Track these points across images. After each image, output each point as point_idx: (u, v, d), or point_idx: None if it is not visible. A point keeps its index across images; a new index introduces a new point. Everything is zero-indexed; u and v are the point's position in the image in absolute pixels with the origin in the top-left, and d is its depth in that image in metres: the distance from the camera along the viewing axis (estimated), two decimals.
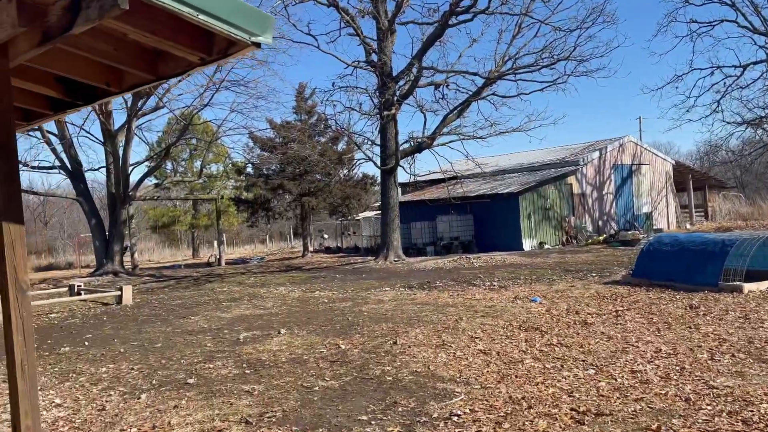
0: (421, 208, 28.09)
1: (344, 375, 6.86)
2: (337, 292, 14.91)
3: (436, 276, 17.40)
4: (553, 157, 30.82)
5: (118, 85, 4.48)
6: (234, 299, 14.97)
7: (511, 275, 16.22)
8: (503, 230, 25.95)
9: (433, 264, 21.18)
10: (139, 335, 10.42)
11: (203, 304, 14.30)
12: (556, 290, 12.80)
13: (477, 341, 8.16)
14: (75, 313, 14.38)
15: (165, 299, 16.14)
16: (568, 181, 27.93)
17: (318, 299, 13.66)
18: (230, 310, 12.85)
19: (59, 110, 5.09)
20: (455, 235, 26.43)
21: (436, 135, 22.76)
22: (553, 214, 27.05)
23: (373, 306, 11.89)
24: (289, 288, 17.01)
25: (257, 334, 9.70)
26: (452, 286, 14.97)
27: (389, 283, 16.27)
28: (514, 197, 25.58)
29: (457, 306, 11.27)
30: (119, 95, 4.82)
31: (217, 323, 11.14)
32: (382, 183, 23.38)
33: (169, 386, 6.87)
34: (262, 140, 32.16)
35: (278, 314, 11.71)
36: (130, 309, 14.48)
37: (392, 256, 22.83)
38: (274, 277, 20.78)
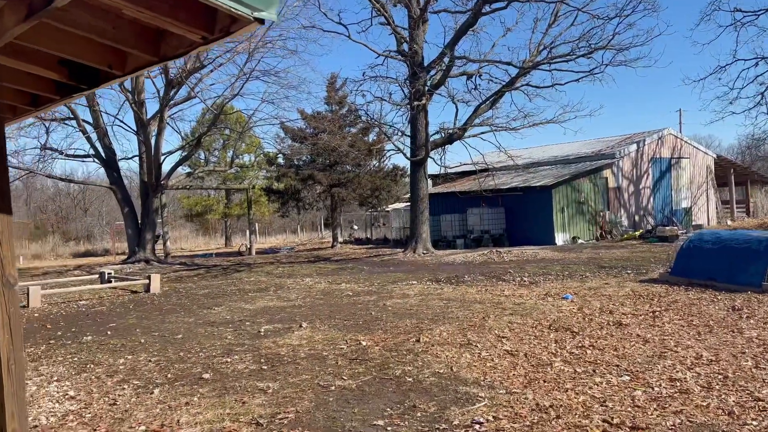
0: (451, 200, 27.63)
1: (363, 374, 6.55)
2: (363, 285, 14.63)
3: (464, 270, 16.98)
4: (589, 149, 29.97)
5: (121, 67, 4.22)
6: (260, 290, 14.82)
7: (543, 271, 15.71)
8: (535, 224, 25.33)
9: (462, 257, 20.75)
10: (162, 326, 10.30)
11: (229, 295, 14.18)
12: (589, 288, 12.29)
13: (504, 341, 7.77)
14: (103, 300, 14.41)
15: (192, 288, 16.09)
16: (604, 174, 27.11)
17: (343, 292, 13.40)
18: (255, 301, 12.68)
19: (65, 95, 4.88)
20: (486, 228, 25.92)
21: (468, 126, 22.25)
22: (587, 208, 26.29)
23: (397, 300, 11.57)
24: (315, 279, 16.80)
25: (279, 327, 9.47)
26: (481, 281, 14.55)
27: (416, 277, 15.93)
28: (547, 190, 24.92)
29: (484, 302, 10.87)
30: (123, 78, 4.58)
31: (240, 315, 10.97)
32: (412, 174, 22.99)
33: (183, 381, 6.66)
34: (293, 131, 32.03)
35: (301, 307, 11.48)
36: (156, 298, 14.44)
37: (421, 249, 22.46)
38: (302, 268, 20.63)
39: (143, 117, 23.13)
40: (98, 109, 24.30)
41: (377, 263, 21.04)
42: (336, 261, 23.10)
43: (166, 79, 23.26)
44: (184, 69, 22.70)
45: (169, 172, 24.87)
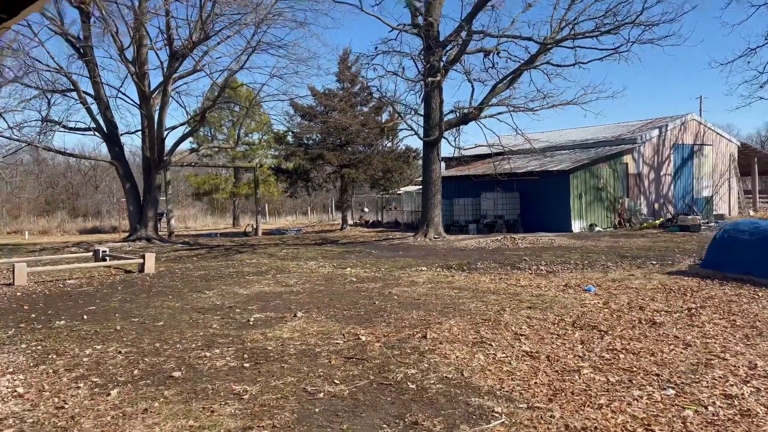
0: (464, 183, 26.52)
1: (358, 377, 5.58)
2: (369, 270, 13.65)
3: (477, 256, 15.95)
4: (608, 134, 28.66)
5: None
6: (259, 273, 13.90)
7: (561, 259, 14.64)
8: (551, 210, 24.20)
9: (475, 243, 19.70)
10: (145, 310, 9.38)
11: (225, 277, 13.27)
12: (613, 279, 11.22)
13: (522, 340, 6.76)
14: (92, 280, 13.54)
15: (189, 269, 15.21)
16: (624, 160, 25.84)
17: (346, 277, 12.43)
18: (251, 285, 11.74)
19: None
20: (500, 214, 24.82)
21: (484, 106, 21.06)
22: (605, 194, 25.09)
23: (404, 289, 10.57)
24: (319, 263, 15.86)
25: (270, 317, 8.51)
26: (495, 268, 13.52)
27: (426, 262, 14.93)
28: (564, 175, 23.74)
29: (499, 293, 9.85)
30: None
31: (231, 300, 10.03)
32: (425, 156, 21.89)
33: (150, 379, 5.73)
34: (303, 108, 30.97)
35: (299, 293, 10.52)
36: (149, 278, 13.57)
37: (432, 233, 21.43)
38: (307, 250, 19.69)
39: (145, 90, 22.15)
40: (99, 81, 23.37)
41: (386, 247, 20.05)
42: (343, 244, 22.14)
43: (170, 51, 22.25)
44: (189, 40, 21.67)
45: (172, 148, 23.93)
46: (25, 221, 50.79)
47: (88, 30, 22.92)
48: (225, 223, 47.92)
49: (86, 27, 22.92)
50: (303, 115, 31.16)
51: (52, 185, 64.81)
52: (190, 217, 53.80)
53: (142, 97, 22.65)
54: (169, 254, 19.67)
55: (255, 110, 38.58)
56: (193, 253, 19.84)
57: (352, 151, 31.40)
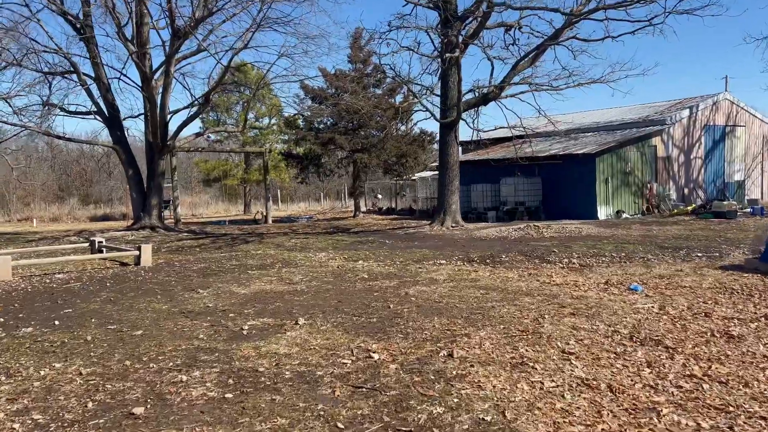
0: (483, 168, 25.07)
1: (369, 419, 4.28)
2: (383, 264, 12.34)
3: (501, 247, 14.59)
4: (635, 115, 27.00)
5: None
6: (263, 266, 12.66)
7: (593, 251, 13.24)
8: (575, 196, 22.71)
9: (496, 232, 18.32)
10: (127, 314, 8.15)
11: (226, 272, 12.04)
12: (659, 275, 9.82)
13: (572, 360, 5.42)
14: (83, 274, 12.37)
15: (188, 262, 14.01)
16: (653, 142, 24.23)
17: (357, 273, 11.12)
18: (251, 282, 10.48)
19: None
20: (521, 200, 23.37)
21: (506, 84, 19.56)
22: (633, 179, 23.54)
23: (423, 288, 9.24)
24: (329, 254, 14.59)
25: (268, 324, 7.24)
26: (522, 262, 12.16)
27: (445, 254, 13.59)
28: (590, 159, 22.22)
29: (532, 294, 8.49)
30: None
31: (227, 301, 8.77)
32: (441, 139, 20.46)
33: (103, 418, 4.47)
34: (313, 90, 29.61)
35: (304, 293, 9.23)
36: (143, 273, 12.37)
37: (449, 222, 20.07)
38: (317, 240, 18.43)
39: (146, 70, 20.88)
40: (100, 62, 22.13)
41: (401, 237, 18.73)
42: (356, 233, 20.86)
43: (171, 29, 20.93)
44: (191, 18, 20.32)
45: (176, 132, 22.71)
46: (36, 208, 50.13)
47: (87, 6, 21.66)
48: (236, 209, 46.81)
49: (86, 4, 21.65)
50: (313, 98, 29.80)
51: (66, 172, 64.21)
52: (202, 203, 52.78)
53: (143, 79, 21.39)
54: (172, 244, 18.50)
55: (264, 93, 37.25)
56: (197, 243, 18.66)
57: (365, 135, 30.03)
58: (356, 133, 29.59)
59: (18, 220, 46.03)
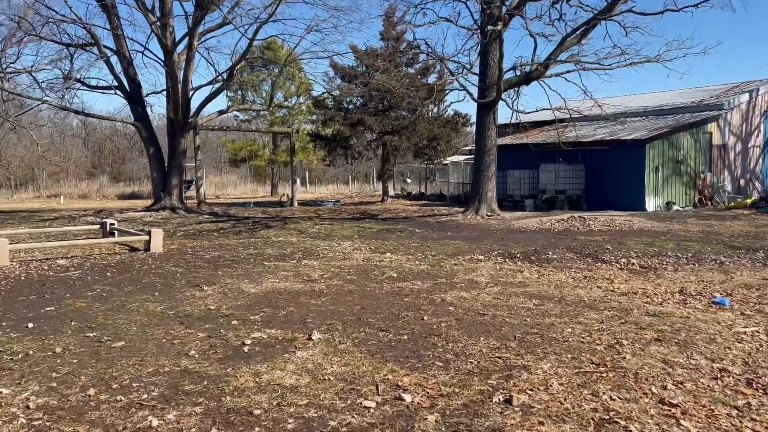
0: (521, 153, 23.35)
1: None
2: (413, 259, 10.90)
3: (545, 241, 13.02)
4: (687, 99, 24.90)
5: None
6: (282, 257, 11.35)
7: (652, 249, 11.60)
8: (621, 185, 20.89)
9: (536, 223, 16.71)
10: (114, 315, 6.88)
11: (239, 263, 10.75)
12: (745, 285, 8.20)
13: (680, 419, 3.92)
14: (86, 261, 11.21)
15: (203, 249, 12.78)
16: (708, 128, 22.20)
17: (385, 269, 9.70)
18: (265, 278, 9.14)
19: None
20: (561, 188, 21.65)
21: (551, 62, 17.80)
22: (685, 168, 21.60)
23: (462, 294, 7.77)
24: (355, 244, 13.22)
25: (275, 338, 5.88)
26: (572, 260, 10.60)
27: (482, 248, 12.10)
28: (639, 145, 20.35)
29: (597, 306, 6.97)
30: None
31: (232, 302, 7.45)
32: (478, 120, 18.83)
33: None
34: (343, 69, 28.10)
35: (323, 294, 7.85)
36: (151, 260, 11.17)
37: (485, 210, 18.50)
38: (343, 227, 17.07)
39: (168, 43, 19.62)
40: (122, 34, 20.96)
41: (432, 225, 17.25)
42: (384, 220, 19.44)
43: (195, 0, 19.60)
44: None
45: (198, 108, 21.44)
46: (65, 185, 49.88)
47: None
48: (264, 190, 45.78)
49: None
50: (343, 77, 28.30)
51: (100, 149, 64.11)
52: (230, 183, 51.91)
53: (165, 52, 20.16)
54: (190, 227, 17.34)
55: (294, 72, 35.86)
56: (216, 227, 17.47)
57: (395, 117, 28.45)
58: (386, 115, 28.04)
59: (47, 197, 45.83)
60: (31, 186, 51.98)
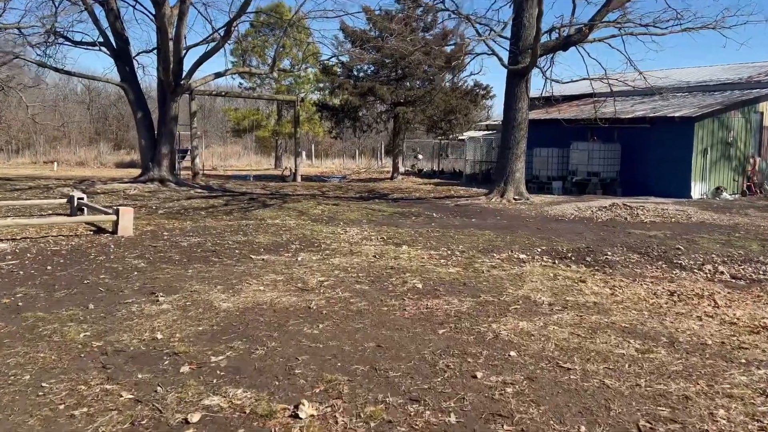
0: (549, 130, 20.80)
1: None
2: (438, 255, 8.56)
3: (592, 235, 10.64)
4: (733, 75, 22.21)
5: None
6: (275, 247, 9.04)
7: (734, 251, 9.21)
8: (664, 168, 18.39)
9: (573, 210, 14.32)
10: (10, 346, 4.58)
11: (221, 255, 8.45)
12: None
13: None
14: (32, 246, 8.91)
15: (185, 231, 10.49)
16: (759, 108, 19.60)
17: (404, 274, 7.34)
18: (246, 282, 6.81)
19: None
20: (595, 170, 19.15)
21: (596, 23, 15.20)
22: (734, 151, 19.06)
23: (522, 324, 5.38)
24: (363, 230, 10.90)
25: (240, 410, 3.57)
26: (640, 264, 8.25)
27: (520, 242, 9.75)
28: (687, 123, 17.80)
29: (734, 357, 4.60)
30: None
31: (191, 328, 5.13)
32: (508, 90, 16.29)
33: None
34: (354, 33, 25.42)
35: (321, 317, 5.50)
36: (113, 248, 8.88)
37: (511, 193, 16.10)
38: (349, 208, 14.73)
39: None
40: None
41: (452, 209, 14.87)
42: (395, 201, 17.06)
43: None
44: None
45: (192, 69, 18.92)
46: (63, 151, 47.59)
47: None
48: (268, 162, 43.31)
49: None
50: (354, 41, 25.60)
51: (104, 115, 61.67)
52: (233, 155, 49.43)
53: (154, 3, 17.61)
54: (176, 204, 15.03)
55: (301, 38, 33.19)
56: (206, 204, 15.15)
57: (409, 87, 25.85)
58: (399, 84, 25.44)
59: (44, 162, 43.55)
60: (29, 151, 49.72)
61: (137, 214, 12.85)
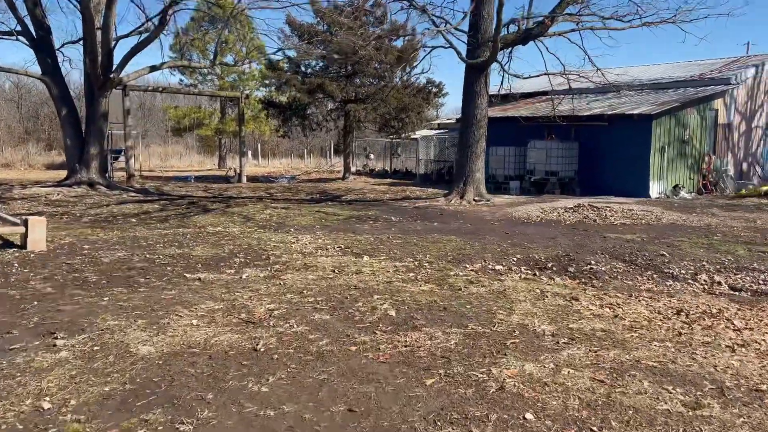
0: (506, 128, 20.00)
1: None
2: (405, 268, 7.41)
3: (567, 240, 9.73)
4: (683, 73, 22.02)
5: None
6: (214, 262, 7.71)
7: (722, 256, 8.46)
8: (622, 166, 17.87)
9: (537, 211, 13.46)
10: None
11: (149, 275, 7.06)
12: None
13: None
14: None
15: (109, 244, 8.98)
16: (714, 105, 19.37)
17: (370, 294, 6.15)
18: (176, 315, 5.47)
19: None
20: (553, 169, 18.45)
21: (556, 16, 14.40)
22: (691, 149, 18.74)
23: (529, 368, 4.27)
24: (318, 238, 9.67)
25: None
26: (629, 275, 7.35)
27: (492, 250, 8.73)
28: (645, 121, 17.31)
29: None
30: None
31: (94, 388, 3.79)
32: (467, 86, 15.31)
33: None
34: (302, 26, 24.02)
35: (270, 367, 4.23)
36: (17, 266, 7.36)
37: (471, 194, 15.15)
38: (300, 212, 13.42)
39: None
40: None
41: (411, 212, 13.78)
42: (349, 203, 15.85)
43: None
44: None
45: (123, 62, 17.11)
46: None
47: None
48: (212, 163, 41.22)
49: None
50: (301, 35, 24.20)
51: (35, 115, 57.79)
52: (174, 155, 46.85)
53: None
54: (104, 210, 13.36)
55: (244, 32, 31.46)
56: (139, 210, 13.53)
57: (360, 84, 24.69)
58: (350, 81, 24.22)
59: None
60: None
61: (56, 223, 11.22)
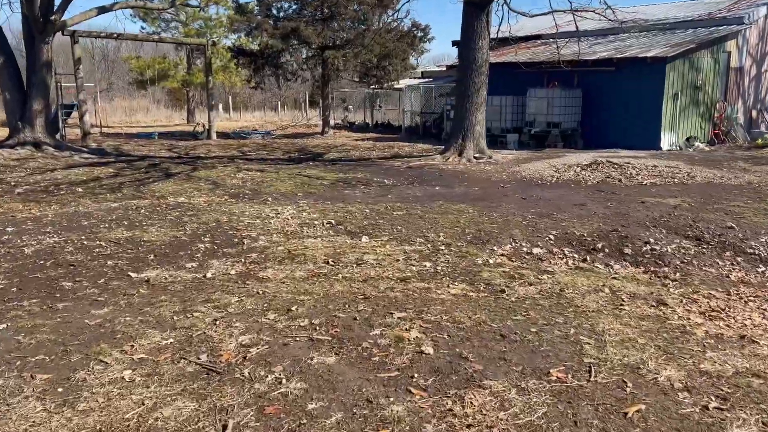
0: (504, 75, 17.99)
1: None
2: (417, 255, 5.65)
3: (599, 207, 8.01)
4: (690, 12, 20.11)
5: None
6: (173, 249, 5.90)
7: None
8: (630, 117, 16.16)
9: (549, 170, 11.72)
10: None
11: (82, 272, 5.23)
12: None
13: None
14: None
15: (41, 225, 7.04)
16: (728, 47, 17.61)
17: (386, 306, 4.37)
18: (101, 357, 3.63)
19: None
20: (555, 120, 16.65)
21: None
22: (702, 96, 17.06)
23: None
24: (301, 210, 7.85)
25: None
26: (704, 258, 5.75)
27: (515, 222, 6.99)
28: (658, 65, 15.50)
29: None
30: None
31: None
32: (465, 26, 13.25)
33: None
34: None
35: None
36: None
37: (472, 151, 13.32)
38: (278, 175, 11.49)
39: None
40: None
41: (405, 174, 11.93)
42: (333, 163, 13.93)
43: None
44: None
45: (64, 1, 14.60)
46: None
47: None
48: (181, 117, 38.49)
49: None
50: None
51: None
52: (140, 109, 43.69)
53: None
54: (46, 176, 11.26)
55: None
56: (89, 176, 11.46)
57: (339, 28, 22.34)
58: (327, 25, 21.84)
59: None
60: None
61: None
